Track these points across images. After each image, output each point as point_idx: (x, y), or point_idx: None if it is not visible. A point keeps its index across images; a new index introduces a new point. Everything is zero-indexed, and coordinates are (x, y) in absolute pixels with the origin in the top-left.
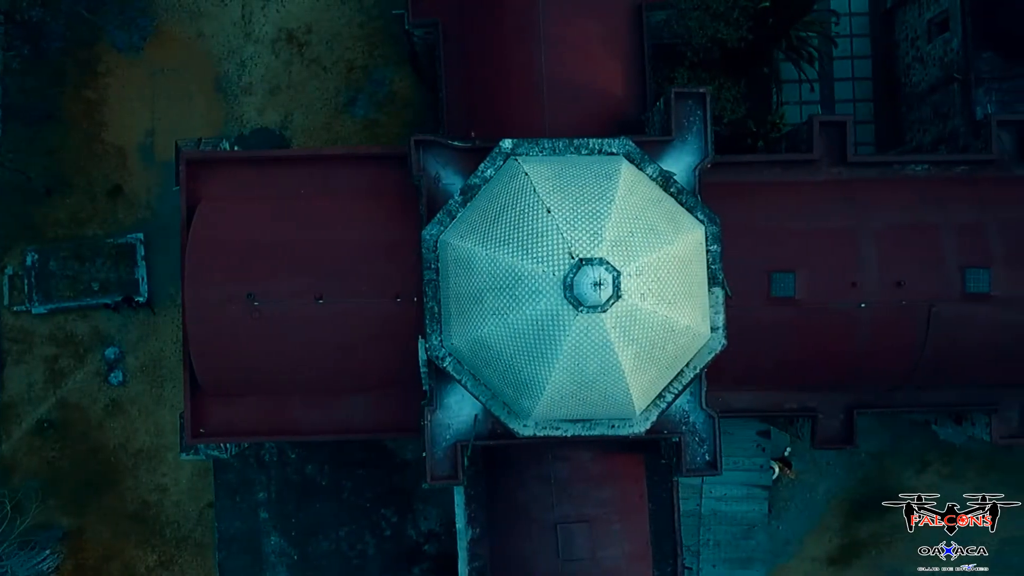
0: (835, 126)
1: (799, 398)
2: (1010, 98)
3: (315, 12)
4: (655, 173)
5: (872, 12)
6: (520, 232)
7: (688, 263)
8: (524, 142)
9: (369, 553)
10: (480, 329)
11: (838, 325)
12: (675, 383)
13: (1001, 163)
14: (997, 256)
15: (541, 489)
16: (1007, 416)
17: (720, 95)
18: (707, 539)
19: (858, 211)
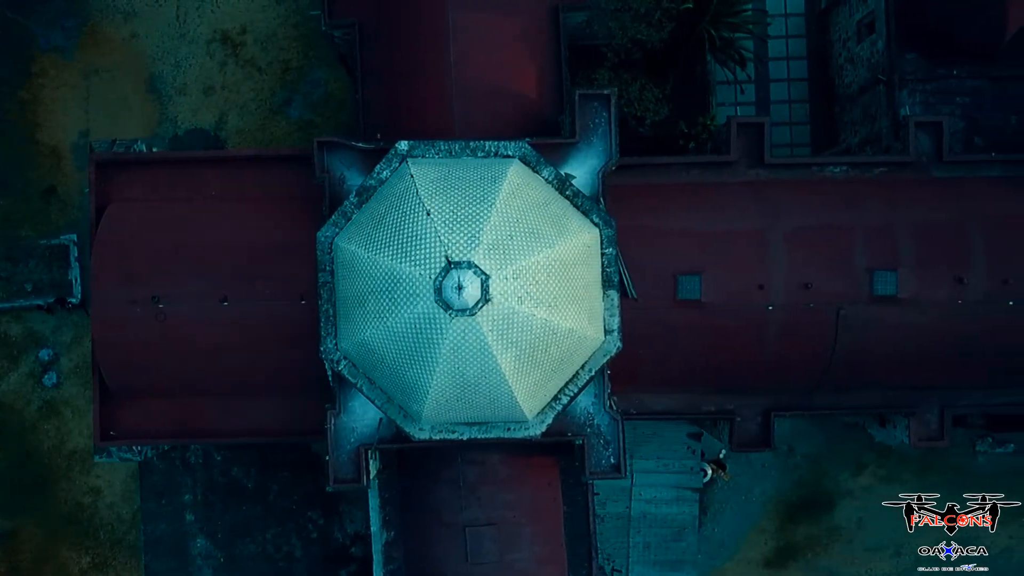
0: (753, 127)
1: (717, 400)
2: (935, 99)
3: (250, 13)
4: (551, 176)
5: (808, 13)
6: (401, 235)
7: (572, 266)
8: (420, 144)
9: (296, 555)
10: (363, 332)
11: (745, 327)
12: (570, 385)
13: (919, 165)
14: (906, 258)
15: (450, 492)
16: (926, 419)
17: (642, 96)
18: (637, 541)
19: (769, 213)
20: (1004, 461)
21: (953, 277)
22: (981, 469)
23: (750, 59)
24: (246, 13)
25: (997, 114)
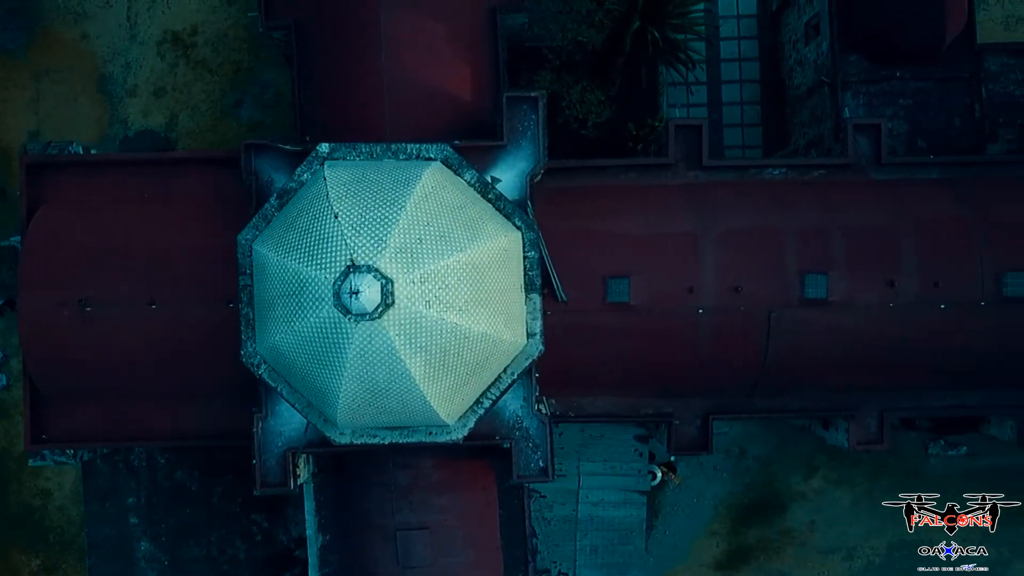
0: (691, 130)
1: (655, 403)
2: (878, 101)
3: (201, 14)
4: (473, 179)
5: (760, 15)
6: (309, 238)
7: (486, 270)
8: (342, 146)
9: (240, 558)
10: (274, 336)
11: (676, 330)
12: (492, 389)
13: (858, 167)
14: (838, 261)
15: (382, 496)
16: (865, 422)
17: (584, 98)
18: (584, 545)
19: (702, 216)
20: (957, 463)
21: (884, 280)
22: (933, 471)
23: (700, 60)
24: (197, 14)
25: (941, 116)
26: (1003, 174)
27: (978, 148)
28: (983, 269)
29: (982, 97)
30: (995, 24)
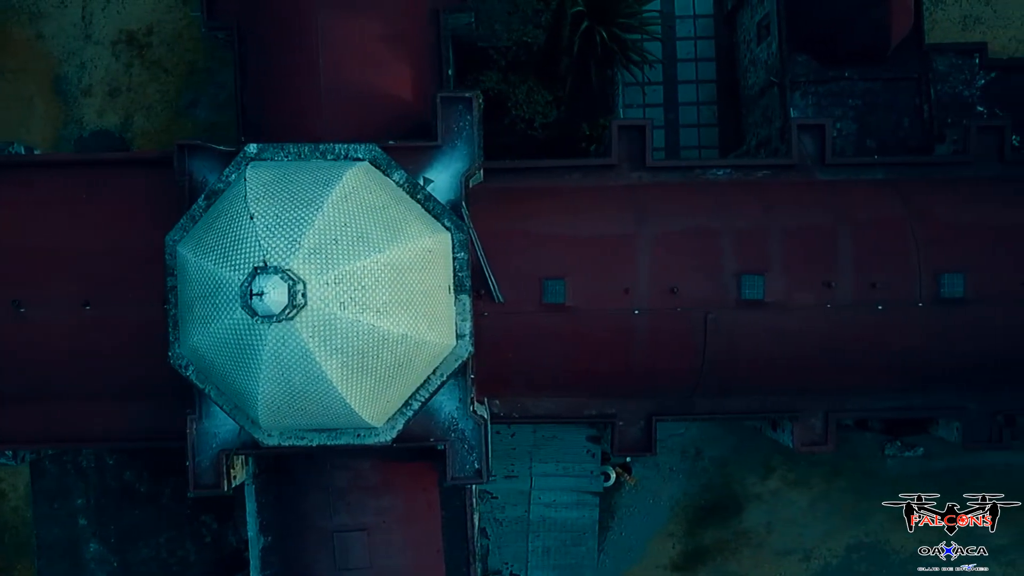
0: (635, 130)
1: (599, 404)
2: (827, 102)
3: (156, 13)
4: (401, 179)
5: (716, 15)
6: (225, 239)
7: (407, 271)
8: (270, 146)
9: (190, 559)
10: (193, 338)
11: (612, 331)
12: (421, 391)
13: (802, 168)
14: (775, 263)
15: (321, 498)
16: (809, 423)
17: (530, 99)
18: (536, 546)
19: (641, 217)
20: (913, 464)
21: (821, 281)
22: (890, 472)
23: (653, 61)
24: (152, 14)
25: (890, 116)
26: (945, 175)
27: (927, 149)
28: (921, 270)
29: (930, 97)
30: (952, 24)
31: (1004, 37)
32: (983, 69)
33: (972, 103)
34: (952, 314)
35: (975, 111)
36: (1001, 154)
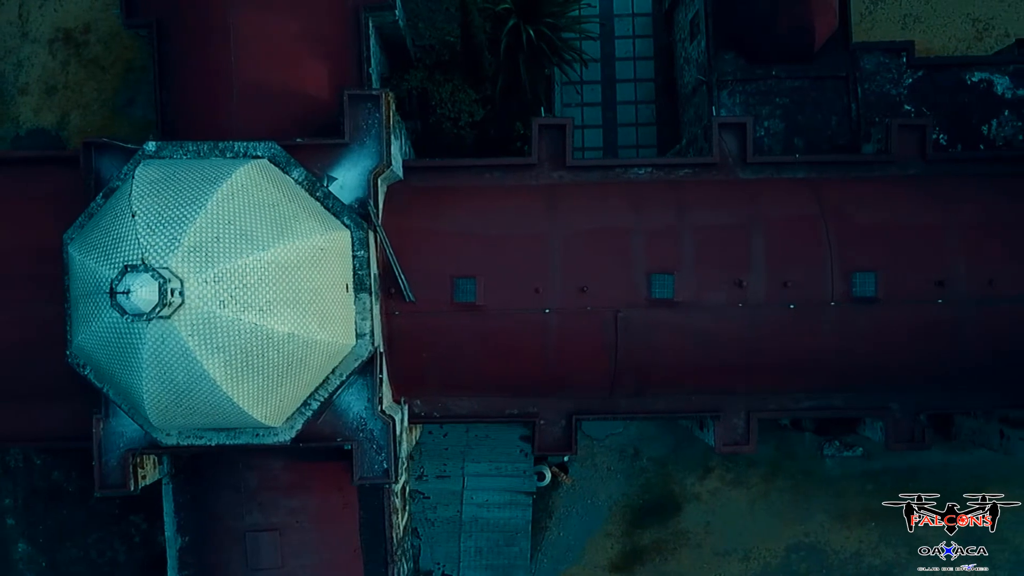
0: (556, 129)
1: (520, 403)
2: (755, 100)
3: (93, 12)
4: (300, 176)
5: (655, 13)
6: (108, 237)
7: (295, 269)
8: (169, 144)
9: (119, 560)
10: (79, 336)
11: (524, 331)
12: (320, 391)
13: (724, 166)
14: (687, 262)
15: (233, 498)
16: (731, 423)
17: (455, 98)
18: (468, 546)
19: (555, 216)
20: (853, 464)
21: (733, 280)
22: (830, 473)
23: (591, 60)
24: (89, 12)
25: (817, 115)
26: (867, 174)
27: (855, 147)
28: (833, 269)
29: (857, 96)
30: (892, 23)
31: (944, 36)
32: (910, 68)
33: (900, 102)
34: (864, 313)
35: (902, 110)
36: (923, 153)
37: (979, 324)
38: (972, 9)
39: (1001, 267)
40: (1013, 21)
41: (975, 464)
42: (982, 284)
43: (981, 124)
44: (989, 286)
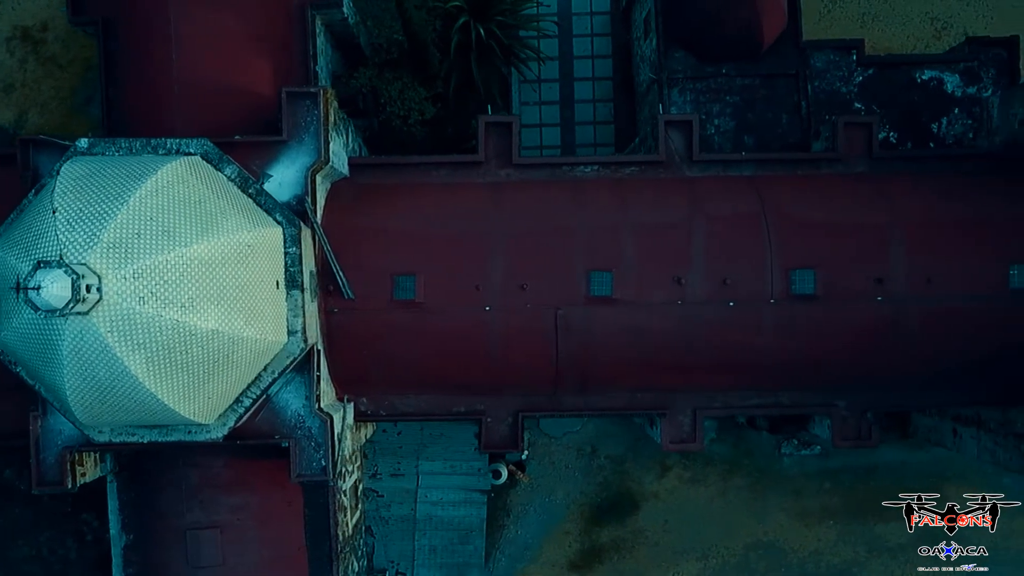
0: (502, 127)
1: (466, 401)
2: (705, 98)
3: (51, 9)
4: (233, 173)
5: (613, 11)
6: (29, 233)
7: (219, 266)
8: (101, 141)
9: (71, 558)
10: (2, 332)
11: (464, 328)
12: (253, 388)
13: (671, 164)
14: (626, 260)
15: (174, 495)
16: (678, 421)
17: (404, 96)
18: (422, 544)
19: (496, 214)
20: (810, 463)
21: (672, 278)
22: (787, 471)
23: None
24: (47, 10)
25: (768, 113)
26: (812, 172)
27: (805, 145)
28: (773, 267)
29: (807, 94)
30: (851, 21)
31: (903, 35)
32: (860, 66)
33: (850, 100)
34: (804, 311)
35: (853, 108)
36: (869, 151)
37: (918, 322)
38: (931, 8)
39: (940, 265)
40: (971, 20)
41: (933, 462)
42: (921, 282)
43: (931, 122)
44: (928, 284)
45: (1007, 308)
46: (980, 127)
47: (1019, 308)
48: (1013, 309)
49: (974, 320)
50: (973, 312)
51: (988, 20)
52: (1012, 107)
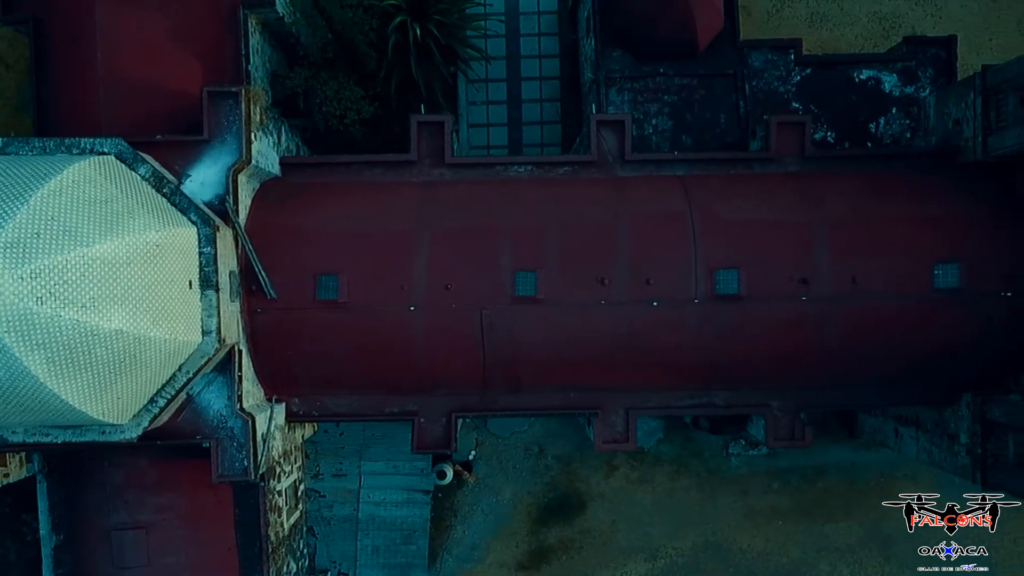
0: (434, 126)
1: (399, 402)
2: (643, 98)
3: None
4: (147, 173)
5: (560, 11)
6: None
7: (122, 265)
8: (15, 141)
9: (10, 559)
10: None
11: (389, 328)
12: (167, 388)
13: (604, 164)
14: (551, 260)
15: (100, 495)
16: (610, 420)
17: (339, 96)
18: (365, 545)
19: (424, 214)
20: (758, 463)
21: (596, 278)
22: (735, 471)
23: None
24: None
25: (706, 112)
26: (745, 171)
27: (743, 145)
28: (697, 267)
29: (745, 94)
30: (800, 21)
31: (850, 35)
32: (798, 65)
33: (788, 99)
34: (728, 311)
35: (790, 107)
36: (802, 150)
37: (843, 322)
38: (878, 8)
39: (865, 265)
40: (919, 20)
41: (882, 462)
42: (846, 282)
43: (869, 122)
44: (853, 284)
45: (932, 308)
46: (918, 127)
47: (944, 308)
48: (938, 309)
49: (900, 320)
50: (899, 312)
51: (936, 20)
52: (946, 107)
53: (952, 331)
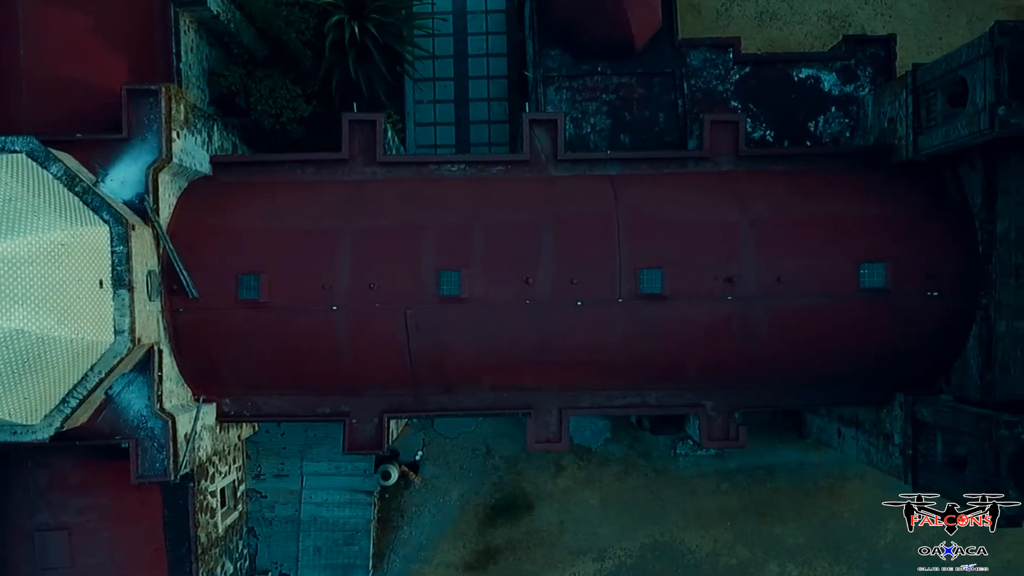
0: (367, 124)
1: (331, 402)
2: (581, 97)
3: None
4: (59, 172)
5: (508, 10)
6: None
7: (23, 265)
8: None
9: None
10: None
11: (312, 328)
12: (79, 388)
13: (537, 163)
14: (476, 258)
15: (22, 496)
16: (543, 420)
17: (274, 95)
18: (307, 545)
19: (350, 213)
20: (707, 463)
21: (520, 278)
22: (683, 471)
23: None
24: None
25: (645, 111)
26: (679, 170)
27: (682, 144)
28: (621, 266)
29: (684, 92)
30: (749, 20)
31: (800, 33)
32: (737, 64)
33: (726, 98)
34: (652, 311)
35: (729, 106)
36: (736, 149)
37: (768, 322)
38: (828, 6)
39: (791, 264)
40: (869, 19)
41: (831, 462)
42: (771, 281)
43: (808, 121)
44: (778, 283)
45: (858, 308)
46: (857, 126)
47: (870, 308)
48: (864, 309)
49: (826, 320)
50: (825, 312)
51: (886, 19)
52: (882, 105)
53: (879, 331)
